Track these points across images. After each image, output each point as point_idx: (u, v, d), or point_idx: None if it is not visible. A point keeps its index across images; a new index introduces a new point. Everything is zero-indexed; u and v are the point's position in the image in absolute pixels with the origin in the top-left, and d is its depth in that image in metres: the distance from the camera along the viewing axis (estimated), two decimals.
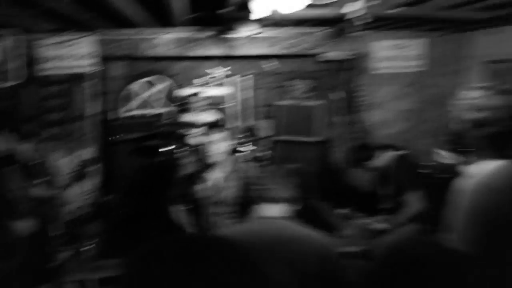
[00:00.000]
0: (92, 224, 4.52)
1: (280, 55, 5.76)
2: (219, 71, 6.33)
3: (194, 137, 3.33)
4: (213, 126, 3.28)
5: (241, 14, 3.22)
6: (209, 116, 5.64)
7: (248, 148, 5.31)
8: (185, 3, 3.30)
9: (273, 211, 2.15)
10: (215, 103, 6.07)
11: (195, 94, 5.60)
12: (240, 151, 5.28)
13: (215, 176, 3.23)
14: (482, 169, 1.73)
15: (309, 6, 3.12)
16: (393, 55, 5.49)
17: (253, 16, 3.10)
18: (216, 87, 6.29)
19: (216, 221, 3.22)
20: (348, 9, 3.15)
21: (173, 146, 5.16)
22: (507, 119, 1.69)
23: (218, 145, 3.17)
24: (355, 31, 4.75)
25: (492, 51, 5.10)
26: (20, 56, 4.71)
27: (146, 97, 6.40)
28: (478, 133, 1.78)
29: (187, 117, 5.52)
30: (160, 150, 5.26)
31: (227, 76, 6.36)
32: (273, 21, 4.01)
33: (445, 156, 3.27)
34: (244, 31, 4.36)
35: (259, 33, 4.89)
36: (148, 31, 4.96)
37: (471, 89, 1.85)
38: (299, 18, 3.93)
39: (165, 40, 5.10)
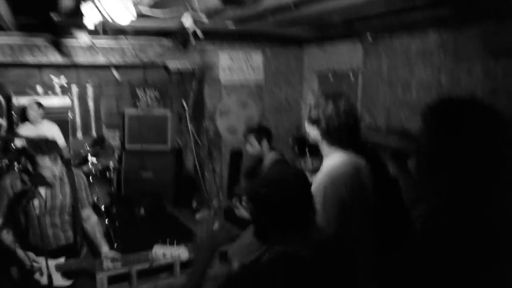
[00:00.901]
0: None
1: (125, 65, 5.66)
2: (57, 80, 5.94)
3: (30, 150, 3.07)
4: (48, 140, 3.06)
5: (74, 20, 3.10)
6: (47, 127, 5.29)
7: (95, 159, 5.08)
8: (6, 6, 3.05)
9: None
10: (54, 114, 5.67)
11: (32, 104, 5.20)
12: (88, 162, 5.05)
13: (49, 190, 3.06)
14: (329, 164, 2.09)
15: (147, 17, 3.14)
16: (237, 66, 5.79)
17: (87, 23, 3.00)
18: (54, 97, 5.88)
19: (53, 236, 3.07)
20: (184, 21, 3.24)
21: (9, 160, 4.73)
22: (335, 116, 2.03)
23: (54, 158, 3.00)
24: (197, 43, 4.92)
25: (321, 64, 5.72)
26: None
27: None
28: (316, 130, 2.06)
29: (24, 129, 5.10)
30: None
31: (66, 85, 5.99)
32: (111, 30, 3.93)
33: None
34: (81, 39, 4.18)
35: (96, 40, 4.72)
36: None
37: (309, 95, 2.15)
38: (137, 28, 3.92)
39: None
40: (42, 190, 3.02)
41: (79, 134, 6.05)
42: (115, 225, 4.74)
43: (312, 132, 2.14)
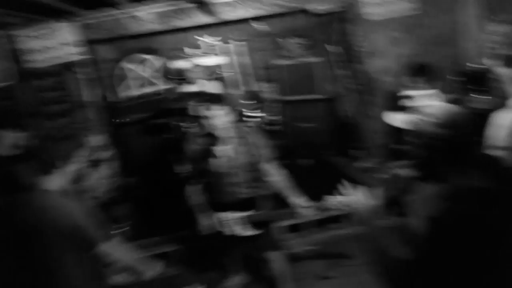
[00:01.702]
0: (121, 207, 4.52)
1: (269, 15, 5.63)
2: (210, 40, 6.18)
3: (199, 111, 3.28)
4: (215, 97, 3.21)
5: None
6: (210, 86, 5.56)
7: (256, 113, 5.27)
8: None
9: None
10: (212, 73, 5.95)
11: (191, 66, 5.50)
12: (249, 117, 5.24)
13: (225, 148, 3.23)
14: None
15: None
16: (384, 0, 5.36)
17: None
18: (210, 56, 6.16)
19: (234, 191, 3.26)
20: None
21: (181, 122, 5.13)
22: None
23: (223, 115, 3.15)
24: None
25: None
26: (4, 52, 4.59)
27: (142, 75, 6.28)
28: (507, 69, 1.79)
29: (188, 90, 5.42)
30: (169, 127, 5.23)
31: (219, 43, 6.21)
32: None
33: None
34: None
35: None
36: (129, 8, 4.87)
37: (493, 23, 1.85)
38: None
39: (148, 15, 4.97)
40: (219, 151, 3.19)
41: (235, 91, 6.29)
42: None
43: (502, 71, 1.83)
